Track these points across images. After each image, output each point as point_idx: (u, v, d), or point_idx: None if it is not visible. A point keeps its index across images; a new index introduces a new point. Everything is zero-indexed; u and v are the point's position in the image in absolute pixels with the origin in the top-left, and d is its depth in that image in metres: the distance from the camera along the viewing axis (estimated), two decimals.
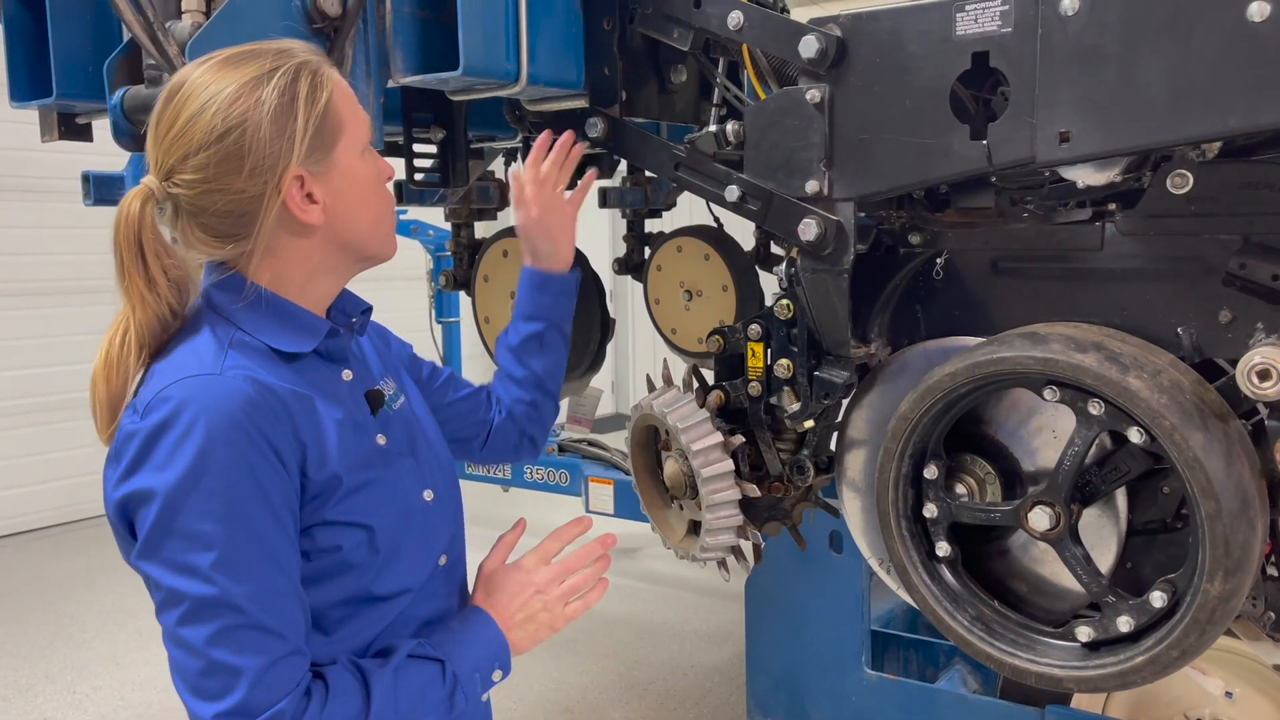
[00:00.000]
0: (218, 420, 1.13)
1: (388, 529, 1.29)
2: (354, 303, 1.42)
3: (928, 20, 1.49)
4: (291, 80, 1.23)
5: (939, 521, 1.62)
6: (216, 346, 1.21)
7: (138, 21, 1.45)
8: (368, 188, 1.31)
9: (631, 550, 5.59)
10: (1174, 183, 1.46)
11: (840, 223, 1.60)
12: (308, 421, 1.22)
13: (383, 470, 1.31)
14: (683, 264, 3.73)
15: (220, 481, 1.12)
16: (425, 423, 1.49)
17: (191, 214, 1.22)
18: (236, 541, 1.13)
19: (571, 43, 1.83)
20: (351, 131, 1.28)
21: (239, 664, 1.12)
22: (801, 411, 1.75)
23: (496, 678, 1.35)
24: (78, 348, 6.02)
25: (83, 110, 1.99)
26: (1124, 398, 1.38)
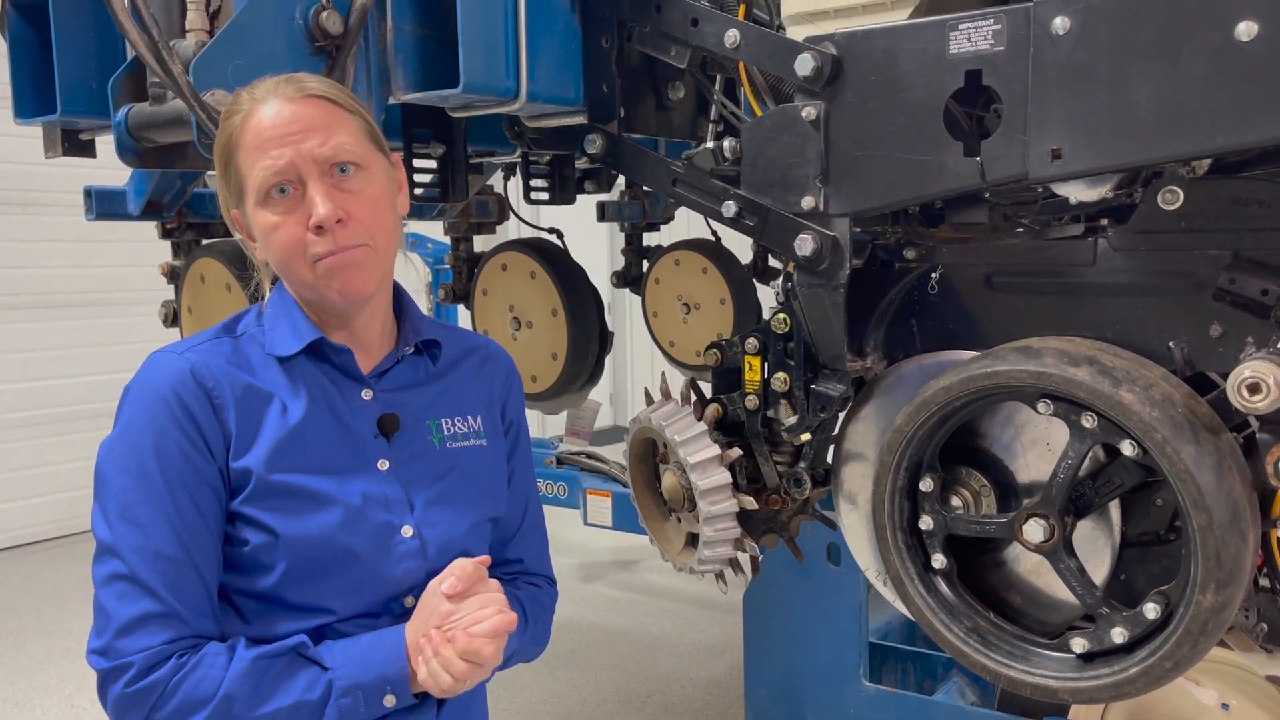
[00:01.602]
0: (148, 391, 1.27)
1: (298, 539, 1.28)
2: (416, 330, 1.46)
3: (921, 39, 1.51)
4: (224, 131, 1.33)
5: (935, 534, 1.64)
6: (212, 334, 1.36)
7: (143, 41, 1.47)
8: (266, 234, 1.32)
9: (629, 563, 5.60)
10: (1165, 199, 1.48)
11: (836, 238, 1.62)
12: (245, 414, 1.30)
13: (344, 485, 1.32)
14: (681, 277, 3.76)
15: (138, 441, 1.25)
16: (485, 476, 1.47)
17: None
18: (138, 497, 1.24)
19: (570, 60, 1.85)
20: (250, 186, 1.31)
21: (110, 609, 1.23)
22: (798, 424, 1.77)
23: (388, 702, 1.29)
24: (76, 361, 6.04)
25: (86, 127, 2.01)
26: (1116, 411, 1.40)
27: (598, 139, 1.90)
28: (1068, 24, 1.39)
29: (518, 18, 1.73)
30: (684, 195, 1.80)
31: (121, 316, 6.15)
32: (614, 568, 5.57)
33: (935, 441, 1.62)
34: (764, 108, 1.76)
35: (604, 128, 1.90)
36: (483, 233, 3.39)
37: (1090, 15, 1.38)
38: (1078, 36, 1.39)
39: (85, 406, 6.06)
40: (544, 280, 3.07)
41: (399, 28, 1.74)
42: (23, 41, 1.92)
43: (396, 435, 1.39)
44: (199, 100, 1.51)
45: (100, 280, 6.08)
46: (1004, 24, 1.45)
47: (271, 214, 1.30)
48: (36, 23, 1.91)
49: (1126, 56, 1.36)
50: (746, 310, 3.63)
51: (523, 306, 3.16)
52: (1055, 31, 1.40)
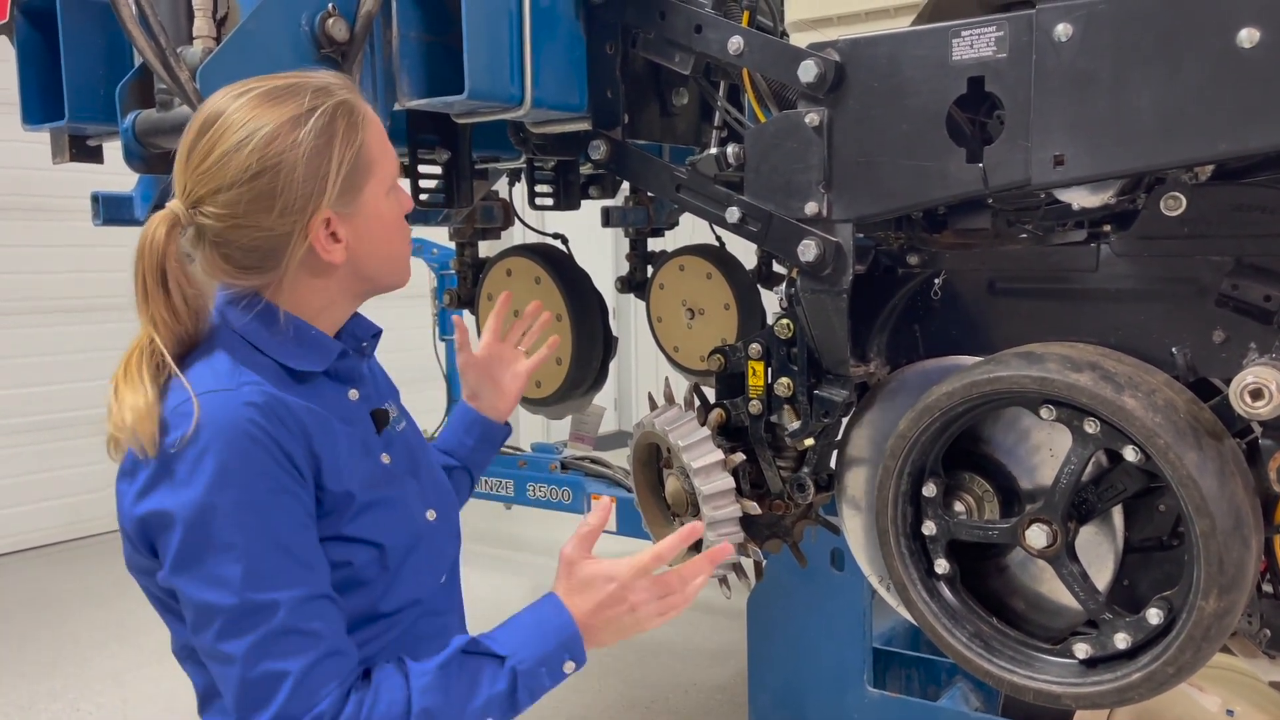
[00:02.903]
0: (234, 434, 1.15)
1: (397, 547, 1.31)
2: (365, 326, 1.44)
3: (924, 45, 1.52)
4: (329, 121, 1.23)
5: (938, 539, 1.64)
6: (231, 363, 1.23)
7: (150, 48, 1.48)
8: (390, 226, 1.33)
9: None
10: (1167, 205, 1.49)
11: (839, 244, 1.62)
12: (322, 436, 1.23)
13: (390, 490, 1.33)
14: (685, 282, 3.76)
15: (242, 494, 1.14)
16: (423, 446, 1.52)
17: (216, 244, 1.24)
18: (264, 551, 1.15)
19: (575, 67, 1.86)
20: (381, 171, 1.30)
21: (279, 669, 1.14)
22: (802, 429, 1.77)
23: (568, 669, 1.31)
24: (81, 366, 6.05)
25: (93, 132, 2.02)
26: (1119, 416, 1.40)
27: (602, 145, 1.91)
28: (1070, 30, 1.40)
29: (522, 24, 1.74)
30: (688, 201, 1.81)
31: (127, 321, 6.05)
32: None
33: (938, 447, 1.63)
34: (767, 114, 1.77)
35: (608, 134, 1.91)
36: (488, 238, 3.40)
37: (1092, 22, 1.38)
38: (1080, 43, 1.39)
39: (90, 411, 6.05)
40: (549, 286, 3.08)
41: (404, 34, 1.75)
42: (31, 48, 1.94)
43: (385, 429, 1.41)
44: None
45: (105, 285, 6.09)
46: (1006, 31, 1.45)
47: (400, 201, 1.32)
48: (44, 29, 1.92)
49: (1128, 63, 1.36)
50: (751, 315, 3.63)
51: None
52: (1058, 38, 1.41)
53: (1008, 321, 1.68)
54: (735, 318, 3.67)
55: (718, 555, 1.39)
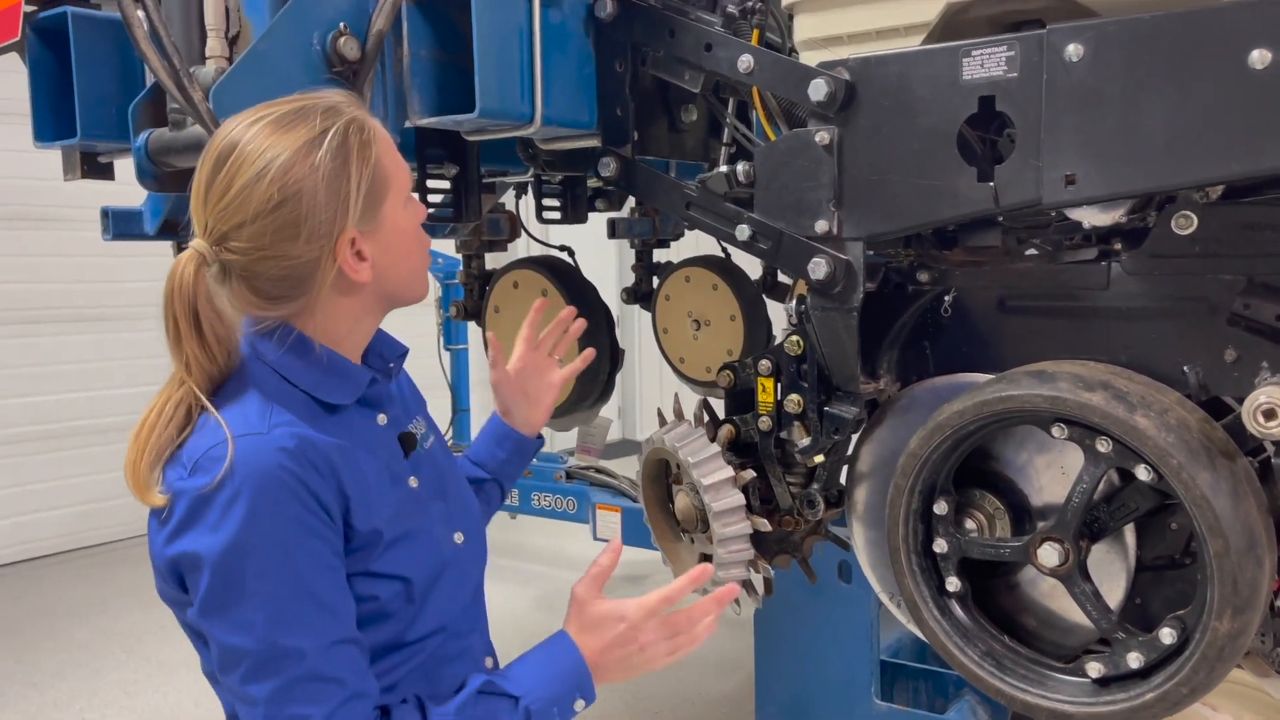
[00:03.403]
0: (265, 480, 1.16)
1: (422, 578, 1.32)
2: (391, 346, 1.44)
3: (935, 65, 1.52)
4: (342, 140, 1.23)
5: (949, 557, 1.64)
6: (262, 402, 1.23)
7: (163, 68, 1.49)
8: (410, 238, 1.34)
9: (638, 578, 5.59)
10: (1178, 223, 1.49)
11: (849, 262, 1.63)
12: (350, 474, 1.24)
13: (418, 519, 1.34)
14: (691, 294, 3.76)
15: (271, 540, 1.15)
16: (450, 464, 1.52)
17: (243, 278, 1.24)
18: (290, 597, 1.16)
19: (584, 84, 1.86)
20: (397, 184, 1.30)
21: (303, 714, 1.15)
22: (812, 446, 1.77)
23: (579, 707, 1.33)
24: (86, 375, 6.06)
25: (105, 150, 2.03)
26: (1131, 436, 1.40)
27: (612, 162, 1.91)
28: (1081, 51, 1.40)
29: (533, 43, 1.75)
30: (698, 219, 1.82)
31: (132, 331, 6.17)
32: (623, 583, 5.57)
33: (949, 465, 1.63)
34: (777, 131, 1.77)
35: (618, 151, 1.91)
36: (494, 250, 3.40)
37: (1103, 42, 1.39)
38: (1091, 63, 1.40)
39: (95, 421, 6.07)
40: (555, 298, 3.08)
41: (415, 52, 1.76)
42: (42, 66, 1.94)
43: (413, 452, 1.41)
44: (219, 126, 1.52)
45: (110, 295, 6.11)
46: (1017, 50, 1.46)
47: (416, 211, 1.33)
48: (56, 47, 1.93)
49: (1140, 83, 1.36)
50: (757, 327, 3.63)
51: None
52: (1069, 58, 1.41)
53: (1018, 339, 1.68)
54: (741, 329, 3.67)
55: (725, 596, 1.40)
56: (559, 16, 1.81)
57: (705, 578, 1.40)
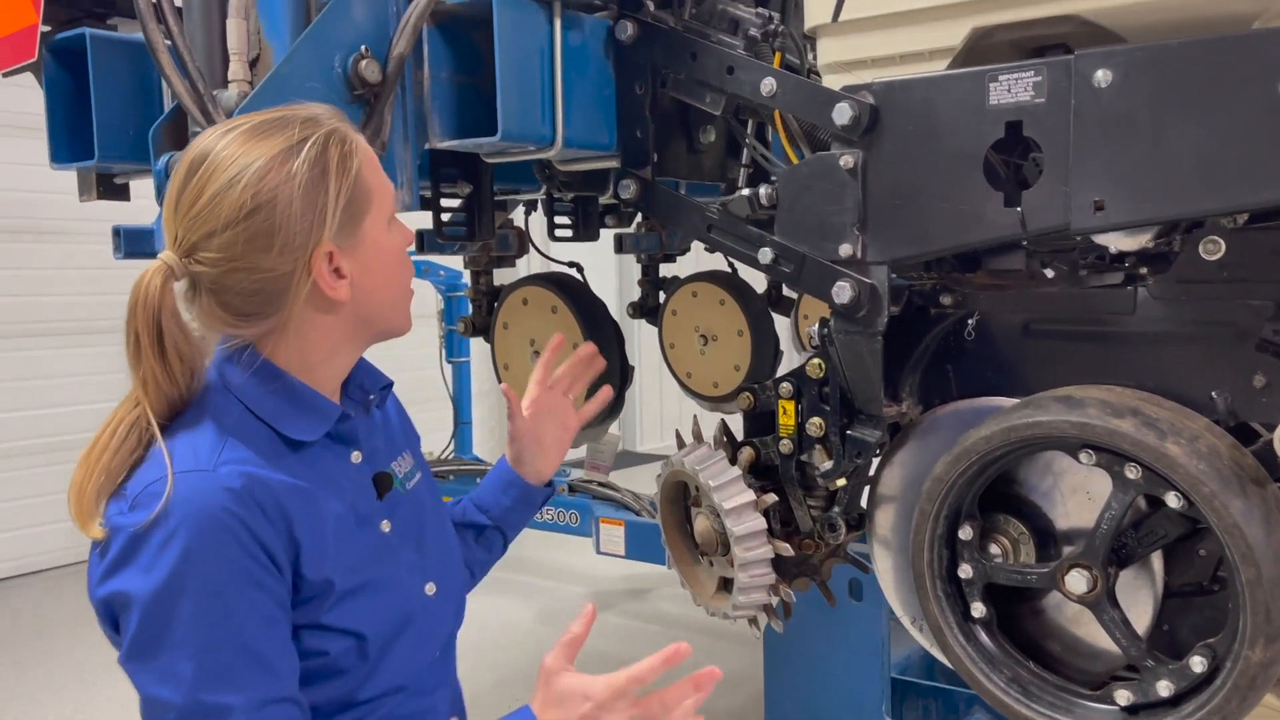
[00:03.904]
0: (205, 521, 1.08)
1: (380, 634, 1.23)
2: (374, 378, 1.37)
3: (960, 89, 1.52)
4: (321, 150, 1.16)
5: (974, 582, 1.63)
6: (216, 435, 1.15)
7: (187, 92, 1.48)
8: (393, 259, 1.26)
9: (642, 591, 5.57)
10: (1206, 249, 1.48)
11: (874, 286, 1.62)
12: (305, 519, 1.16)
13: (382, 568, 1.25)
14: (698, 309, 3.76)
15: (205, 586, 1.07)
16: (436, 507, 1.44)
17: (213, 292, 1.16)
18: (223, 649, 1.08)
19: (604, 106, 1.86)
20: (379, 201, 1.23)
21: None
22: (834, 470, 1.77)
23: None
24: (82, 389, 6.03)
25: (121, 171, 2.02)
26: (1162, 463, 1.40)
27: (632, 184, 1.90)
28: (1109, 76, 1.40)
29: (554, 66, 1.75)
30: (719, 241, 1.81)
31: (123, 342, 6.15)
32: (626, 596, 5.55)
33: (974, 490, 1.62)
34: (799, 154, 1.77)
35: (638, 173, 1.91)
36: (502, 266, 3.39)
37: (1132, 68, 1.39)
38: (1120, 89, 1.39)
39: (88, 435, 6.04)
40: (565, 315, 3.07)
41: (435, 75, 1.75)
42: (59, 87, 1.93)
43: (389, 493, 1.33)
44: None
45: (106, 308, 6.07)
46: (1044, 76, 1.45)
47: (401, 233, 1.26)
48: (72, 68, 1.92)
49: (1169, 109, 1.36)
50: (764, 343, 3.63)
51: (544, 341, 3.15)
52: (1097, 83, 1.41)
53: (1043, 363, 1.68)
54: (749, 345, 3.66)
55: (704, 681, 1.27)
56: (579, 39, 1.80)
57: (680, 659, 1.26)
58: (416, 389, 3.96)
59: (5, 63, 1.89)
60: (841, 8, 1.61)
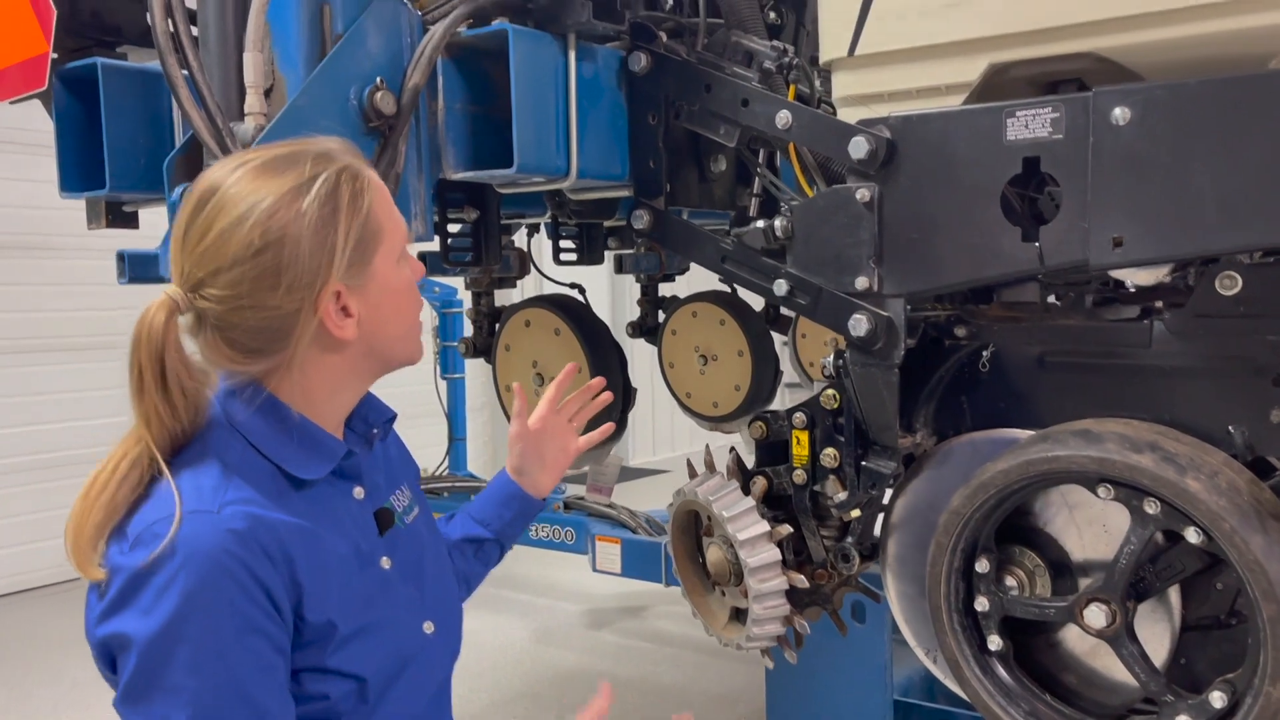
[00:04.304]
0: (207, 564, 1.05)
1: (380, 675, 1.21)
2: (378, 411, 1.35)
3: (978, 124, 1.53)
4: (333, 188, 1.14)
5: (991, 615, 1.63)
6: (220, 474, 1.12)
7: (206, 127, 1.48)
8: (402, 296, 1.24)
9: (638, 609, 5.56)
10: (1223, 284, 1.49)
11: (890, 319, 1.63)
12: (308, 561, 1.14)
13: (383, 609, 1.23)
14: (698, 329, 3.75)
15: (205, 631, 1.05)
16: (434, 541, 1.43)
17: (218, 329, 1.14)
18: (218, 697, 1.05)
19: (617, 137, 1.86)
20: (390, 238, 1.21)
21: None
22: (849, 501, 1.77)
23: None
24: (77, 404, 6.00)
25: (131, 200, 2.01)
26: (1183, 499, 1.40)
27: (645, 215, 1.90)
28: (1128, 114, 1.41)
29: (568, 98, 1.75)
30: (733, 272, 1.81)
31: (123, 360, 6.12)
32: (622, 614, 5.53)
33: (991, 523, 1.62)
34: (813, 185, 1.77)
35: (651, 203, 1.91)
36: (503, 287, 3.39)
37: (1150, 106, 1.40)
38: (1138, 126, 1.40)
39: (87, 451, 6.00)
40: (568, 337, 3.07)
41: (450, 106, 1.75)
42: (69, 116, 1.92)
43: (389, 529, 1.31)
44: None
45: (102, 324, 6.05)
46: (1062, 112, 1.46)
47: (411, 267, 1.24)
48: (83, 97, 1.91)
49: (1188, 147, 1.37)
50: (764, 363, 3.62)
51: (546, 363, 3.15)
52: (1115, 121, 1.42)
53: (1058, 396, 1.68)
54: (749, 365, 3.67)
55: None
56: (593, 70, 1.81)
57: None
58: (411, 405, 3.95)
59: (15, 90, 1.88)
60: (858, 43, 1.62)
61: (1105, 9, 1.42)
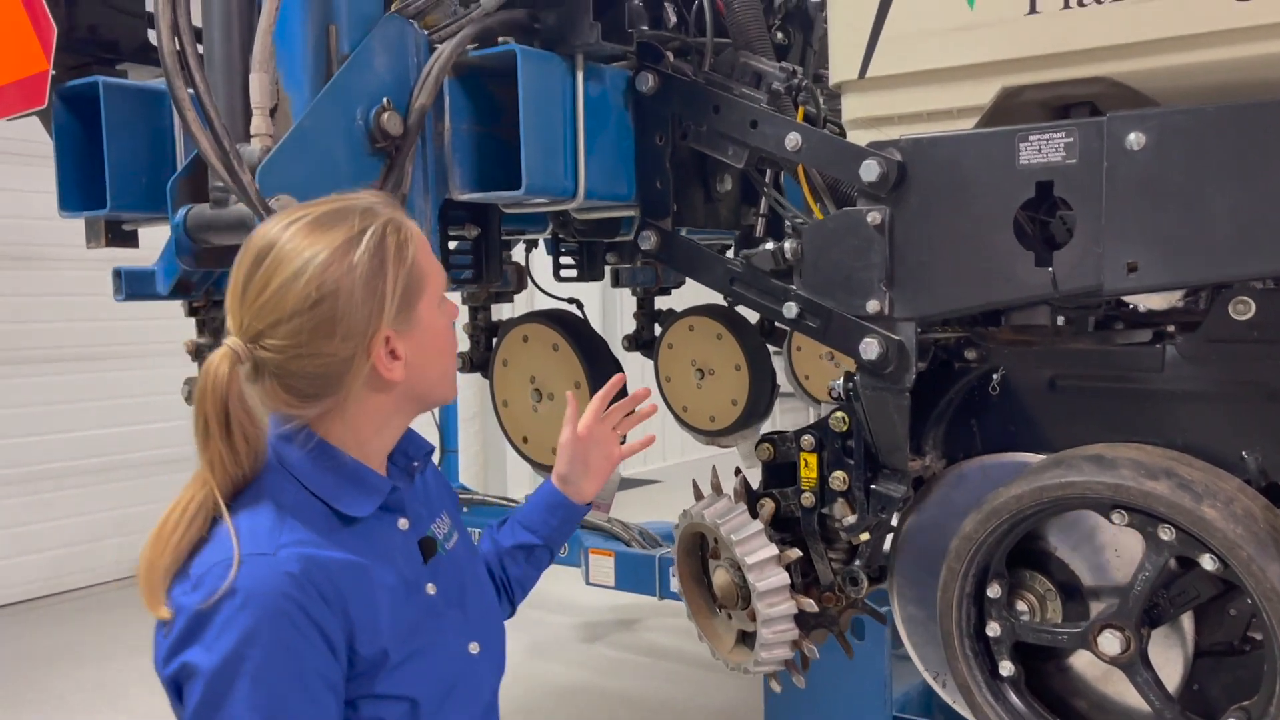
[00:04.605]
0: (265, 608, 1.12)
1: (431, 697, 1.27)
2: (417, 445, 1.42)
3: (990, 148, 1.52)
4: (380, 240, 1.23)
5: (1002, 641, 1.62)
6: (275, 516, 1.19)
7: (214, 151, 1.46)
8: (443, 338, 1.33)
9: (631, 622, 5.53)
10: (1236, 309, 1.49)
11: (902, 342, 1.62)
12: (360, 596, 1.20)
13: (431, 634, 1.29)
14: (695, 342, 3.75)
15: (262, 670, 1.11)
16: (473, 564, 1.48)
17: (277, 376, 1.21)
18: None
19: (624, 157, 1.85)
20: (432, 285, 1.30)
21: None
22: (859, 524, 1.75)
23: None
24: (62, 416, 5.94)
25: (131, 219, 1.99)
26: (1199, 527, 1.39)
27: (652, 236, 1.89)
28: (1143, 139, 1.40)
29: (576, 118, 1.74)
30: (742, 294, 1.80)
31: (107, 372, 6.06)
32: (616, 627, 5.50)
33: (1003, 548, 1.61)
34: (822, 207, 1.77)
35: (658, 224, 1.89)
36: (500, 302, 3.37)
37: (1166, 132, 1.39)
38: (1153, 152, 1.40)
39: (71, 464, 5.96)
40: (567, 353, 3.05)
41: (456, 126, 1.74)
42: (69, 134, 1.90)
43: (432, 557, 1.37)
44: (266, 207, 1.50)
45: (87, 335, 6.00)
46: (1076, 137, 1.46)
47: (448, 311, 1.31)
48: (83, 115, 1.88)
49: (1204, 174, 1.37)
50: (762, 377, 3.62)
51: (544, 378, 3.13)
52: (1130, 146, 1.41)
53: (1069, 419, 1.67)
54: (746, 379, 3.66)
55: None
56: (600, 90, 1.79)
57: None
58: None
59: (14, 108, 1.86)
60: (869, 65, 1.61)
61: (1123, 34, 1.41)
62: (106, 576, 6.08)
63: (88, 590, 6.10)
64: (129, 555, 6.14)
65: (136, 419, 6.11)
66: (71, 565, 6.00)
